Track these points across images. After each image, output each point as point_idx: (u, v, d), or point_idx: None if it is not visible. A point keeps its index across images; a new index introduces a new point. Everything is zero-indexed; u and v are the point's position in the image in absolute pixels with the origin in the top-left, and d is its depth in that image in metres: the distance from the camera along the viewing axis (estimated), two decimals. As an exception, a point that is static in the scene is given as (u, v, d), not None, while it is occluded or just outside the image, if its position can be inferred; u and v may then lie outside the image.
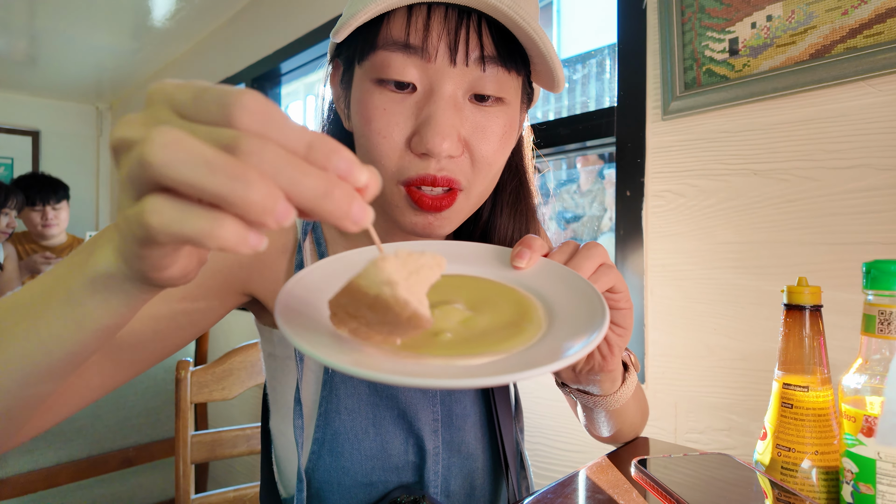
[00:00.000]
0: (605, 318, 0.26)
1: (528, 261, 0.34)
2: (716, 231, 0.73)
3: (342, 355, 0.23)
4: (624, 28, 0.84)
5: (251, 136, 0.18)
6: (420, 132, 0.39)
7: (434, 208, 0.41)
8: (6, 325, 0.26)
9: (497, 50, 0.40)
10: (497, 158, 0.43)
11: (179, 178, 0.17)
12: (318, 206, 0.19)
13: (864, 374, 0.41)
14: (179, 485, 0.79)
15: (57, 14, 2.02)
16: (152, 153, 0.17)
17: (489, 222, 0.52)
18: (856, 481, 0.39)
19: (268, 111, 0.19)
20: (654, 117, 0.80)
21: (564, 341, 0.25)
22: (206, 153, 0.17)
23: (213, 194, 0.17)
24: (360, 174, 0.20)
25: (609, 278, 0.36)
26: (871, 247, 0.60)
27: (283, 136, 0.19)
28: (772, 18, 0.68)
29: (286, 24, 1.69)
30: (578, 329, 0.26)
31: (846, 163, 0.63)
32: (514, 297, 0.31)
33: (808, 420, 0.43)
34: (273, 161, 0.18)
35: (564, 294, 0.31)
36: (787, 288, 0.45)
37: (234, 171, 0.17)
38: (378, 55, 0.40)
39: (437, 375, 0.22)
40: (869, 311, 0.40)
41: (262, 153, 0.18)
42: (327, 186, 0.19)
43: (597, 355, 0.41)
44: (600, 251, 0.36)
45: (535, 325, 0.28)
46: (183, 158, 0.17)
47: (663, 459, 0.46)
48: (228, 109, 0.18)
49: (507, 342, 0.26)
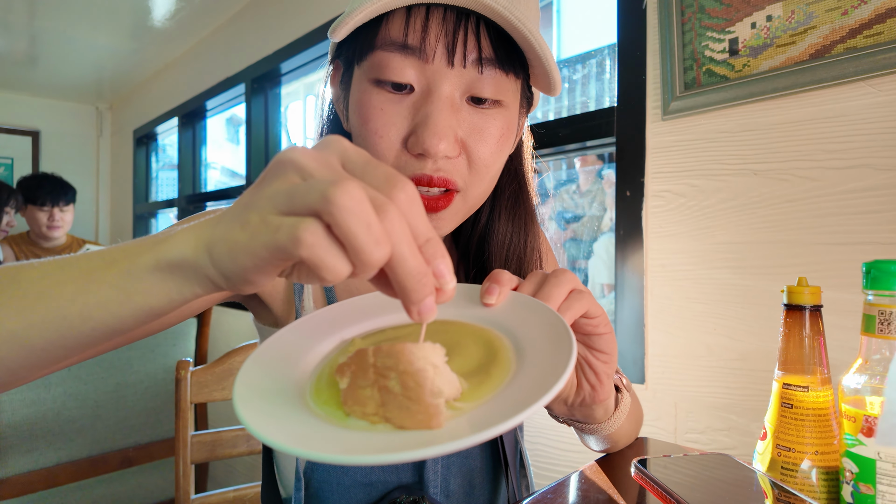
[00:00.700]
0: (572, 353, 0.25)
1: (498, 296, 0.34)
2: (716, 231, 0.73)
3: (320, 442, 0.22)
4: (624, 28, 0.84)
5: (399, 214, 0.23)
6: (417, 132, 0.40)
7: (430, 209, 0.41)
8: (53, 281, 0.27)
9: (495, 52, 0.40)
10: (494, 161, 0.43)
11: (345, 224, 0.21)
12: (406, 281, 0.23)
13: (864, 374, 0.41)
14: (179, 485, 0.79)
15: (57, 14, 2.02)
16: (338, 196, 0.21)
17: (487, 227, 0.52)
18: (856, 481, 0.39)
19: (416, 200, 0.24)
20: (654, 117, 0.80)
21: (531, 387, 0.24)
22: (371, 217, 0.22)
23: (357, 247, 0.21)
24: (449, 281, 0.24)
25: (581, 304, 0.35)
26: (871, 247, 0.60)
27: (416, 222, 0.24)
28: (772, 18, 0.68)
29: (286, 24, 1.69)
30: (545, 369, 0.25)
31: (846, 163, 0.63)
32: (483, 337, 0.30)
33: (808, 420, 0.43)
34: (402, 237, 0.23)
35: (533, 327, 0.30)
36: (787, 288, 0.45)
37: (378, 237, 0.22)
38: (376, 55, 0.40)
39: (403, 448, 0.21)
40: (869, 311, 0.40)
41: (399, 229, 0.22)
42: (424, 273, 0.23)
43: (586, 386, 0.39)
44: (568, 277, 0.35)
45: (503, 368, 0.27)
46: (357, 212, 0.21)
47: (663, 459, 0.46)
48: (392, 185, 0.23)
49: (476, 391, 0.25)
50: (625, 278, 0.83)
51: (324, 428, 0.23)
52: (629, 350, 0.83)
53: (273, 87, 1.90)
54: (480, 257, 0.52)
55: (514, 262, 0.52)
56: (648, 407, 0.80)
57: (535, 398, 0.22)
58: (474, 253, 0.52)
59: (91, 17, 2.05)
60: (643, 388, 0.81)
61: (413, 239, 0.23)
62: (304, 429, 0.23)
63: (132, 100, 2.96)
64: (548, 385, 0.23)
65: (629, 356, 0.83)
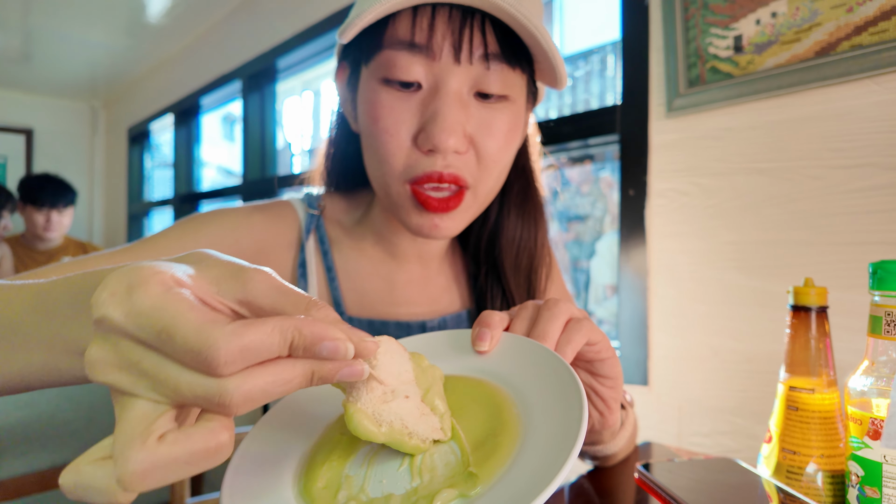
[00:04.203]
0: (584, 409, 0.24)
1: (490, 342, 0.31)
2: (720, 230, 0.73)
3: None
4: (627, 25, 0.84)
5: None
6: (426, 128, 0.40)
7: (441, 209, 0.41)
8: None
9: (501, 48, 0.41)
10: (503, 156, 0.43)
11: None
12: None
13: (870, 377, 0.40)
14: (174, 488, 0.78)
15: (51, 11, 2.00)
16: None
17: (497, 224, 0.52)
18: (862, 485, 0.39)
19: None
20: (658, 115, 0.80)
21: (544, 457, 0.22)
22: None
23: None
24: (345, 355, 0.20)
25: (581, 335, 0.32)
26: (878, 247, 0.60)
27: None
28: (776, 15, 0.67)
29: (282, 20, 1.67)
30: (557, 434, 0.23)
31: (852, 161, 0.62)
32: (484, 394, 0.28)
33: (813, 423, 0.42)
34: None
35: (534, 377, 0.28)
36: (793, 289, 0.45)
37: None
38: (384, 55, 0.41)
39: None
40: (875, 312, 0.40)
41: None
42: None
43: (595, 414, 0.38)
44: (563, 307, 0.33)
45: (511, 435, 0.25)
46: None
47: (667, 463, 0.45)
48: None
49: (485, 467, 0.24)
50: (628, 279, 0.83)
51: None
52: (632, 352, 0.82)
53: (269, 83, 1.89)
54: (491, 255, 0.52)
55: (524, 257, 0.52)
56: (652, 409, 0.79)
57: (550, 477, 0.21)
58: (484, 251, 0.53)
59: (85, 13, 2.02)
60: (647, 390, 0.80)
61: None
62: None
63: (127, 97, 2.93)
64: (562, 458, 0.21)
65: (632, 358, 0.82)
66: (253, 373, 0.18)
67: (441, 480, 0.24)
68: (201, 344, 0.17)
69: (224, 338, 0.17)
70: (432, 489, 0.23)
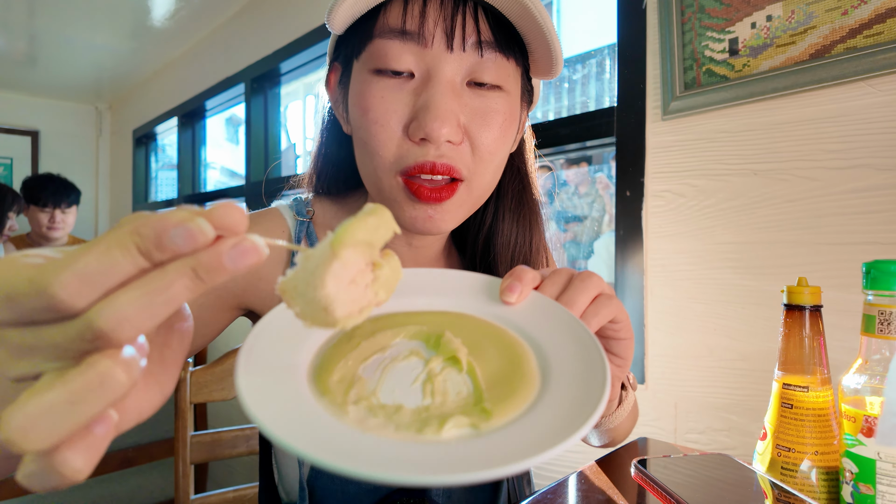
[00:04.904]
0: (607, 384, 0.23)
1: (519, 295, 0.31)
2: (716, 231, 0.73)
3: (329, 444, 0.20)
4: (624, 28, 0.84)
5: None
6: (418, 118, 0.39)
7: (434, 199, 0.40)
8: None
9: (494, 35, 0.40)
10: (498, 148, 0.42)
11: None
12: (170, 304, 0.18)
13: (863, 375, 0.41)
14: (179, 485, 0.79)
15: (56, 14, 2.02)
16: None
17: (492, 227, 0.51)
18: (856, 481, 0.39)
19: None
20: (654, 117, 0.80)
21: (563, 416, 0.22)
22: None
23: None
24: (201, 233, 0.18)
25: (609, 311, 0.33)
26: (871, 247, 0.60)
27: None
28: (772, 18, 0.68)
29: (286, 23, 1.69)
30: (578, 397, 0.23)
31: (846, 163, 0.63)
32: (503, 341, 0.29)
33: (807, 420, 0.43)
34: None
35: (558, 339, 0.28)
36: (787, 288, 0.45)
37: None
38: (374, 44, 0.40)
39: (431, 470, 0.19)
40: (869, 311, 0.40)
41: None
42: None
43: None
44: (595, 281, 0.33)
45: (528, 384, 0.25)
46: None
47: (663, 460, 0.46)
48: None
49: (499, 407, 0.24)
50: (625, 278, 0.83)
51: (340, 432, 0.22)
52: (629, 350, 0.83)
53: (273, 86, 1.90)
54: (486, 258, 0.52)
55: (519, 262, 0.51)
56: (649, 407, 0.80)
57: (570, 431, 0.21)
58: (480, 254, 0.52)
59: (90, 16, 2.04)
60: (643, 388, 0.81)
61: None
62: (314, 429, 0.21)
63: (132, 100, 2.96)
64: (583, 417, 0.22)
65: (629, 356, 0.83)
66: (116, 294, 0.17)
67: (452, 407, 0.24)
68: (36, 289, 0.16)
69: (53, 273, 0.16)
70: (444, 412, 0.24)
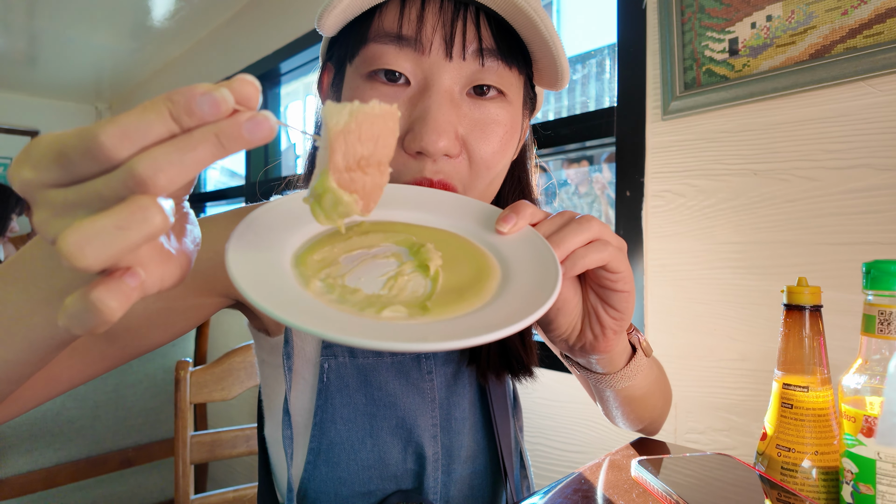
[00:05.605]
0: (554, 291, 0.26)
1: (512, 227, 0.32)
2: (716, 231, 0.73)
3: (278, 299, 0.23)
4: (624, 28, 0.84)
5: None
6: (414, 129, 0.37)
7: None
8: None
9: (496, 43, 0.38)
10: (497, 161, 0.40)
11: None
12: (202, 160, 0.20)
13: (863, 375, 0.41)
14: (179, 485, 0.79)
15: (56, 14, 2.02)
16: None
17: None
18: (856, 481, 0.39)
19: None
20: (654, 117, 0.80)
21: (493, 320, 0.25)
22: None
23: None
24: (224, 101, 0.20)
25: (599, 255, 0.32)
26: (871, 247, 0.60)
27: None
28: (772, 18, 0.68)
29: (286, 23, 1.69)
30: (518, 308, 0.25)
31: (846, 163, 0.63)
32: (479, 261, 0.30)
33: (807, 420, 0.43)
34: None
35: (528, 269, 0.29)
36: (787, 288, 0.45)
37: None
38: (369, 48, 0.38)
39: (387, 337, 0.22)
40: (869, 311, 0.40)
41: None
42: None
43: (588, 335, 0.37)
44: (595, 226, 0.32)
45: (480, 297, 0.27)
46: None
47: (663, 460, 0.46)
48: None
49: (442, 307, 0.26)
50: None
51: (296, 295, 0.24)
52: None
53: (272, 86, 1.90)
54: None
55: None
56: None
57: (486, 331, 0.23)
58: None
59: (90, 16, 2.04)
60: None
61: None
62: (277, 288, 0.23)
63: (131, 99, 2.95)
64: (502, 326, 0.23)
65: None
66: (153, 149, 0.19)
67: (401, 298, 0.27)
68: (85, 143, 0.19)
69: (101, 128, 0.19)
70: (390, 301, 0.26)
